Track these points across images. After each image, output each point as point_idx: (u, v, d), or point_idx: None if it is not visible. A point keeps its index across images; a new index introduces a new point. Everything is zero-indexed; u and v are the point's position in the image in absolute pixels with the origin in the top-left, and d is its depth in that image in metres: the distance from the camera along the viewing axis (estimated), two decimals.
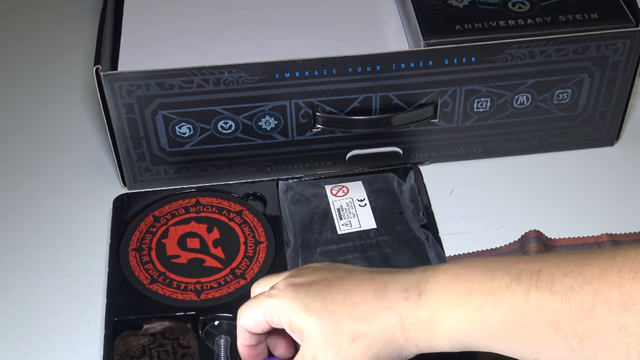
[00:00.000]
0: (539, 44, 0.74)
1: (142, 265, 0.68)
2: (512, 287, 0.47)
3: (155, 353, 0.62)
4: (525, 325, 0.47)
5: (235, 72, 0.72)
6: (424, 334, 0.50)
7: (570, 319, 0.46)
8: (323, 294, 0.52)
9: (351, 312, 0.51)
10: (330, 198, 0.72)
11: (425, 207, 0.73)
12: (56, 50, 0.97)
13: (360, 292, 0.52)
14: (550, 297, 0.46)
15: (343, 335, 0.50)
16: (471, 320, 0.48)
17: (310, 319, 0.51)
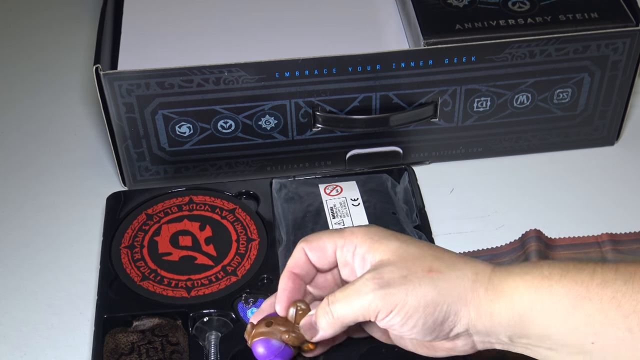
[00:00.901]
0: (539, 43, 0.74)
1: (133, 262, 0.68)
2: (579, 265, 0.51)
3: (144, 350, 0.63)
4: (587, 299, 0.49)
5: (235, 72, 0.72)
6: (490, 296, 0.52)
7: (632, 299, 0.48)
8: (405, 238, 0.56)
9: (434, 253, 0.54)
10: (323, 197, 0.72)
11: (419, 208, 0.73)
12: (56, 49, 0.97)
13: (441, 249, 0.56)
14: (614, 276, 0.49)
15: (420, 264, 0.53)
16: (537, 288, 0.50)
17: (393, 242, 0.54)
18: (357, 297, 0.53)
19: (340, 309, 0.54)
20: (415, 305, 0.52)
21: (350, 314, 0.54)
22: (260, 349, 0.56)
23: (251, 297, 0.66)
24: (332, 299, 0.54)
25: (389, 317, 0.52)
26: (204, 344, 0.64)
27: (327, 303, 0.55)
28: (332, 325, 0.55)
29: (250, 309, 0.65)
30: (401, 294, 0.52)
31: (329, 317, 0.54)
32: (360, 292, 0.53)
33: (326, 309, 0.55)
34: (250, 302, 0.66)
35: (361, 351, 0.64)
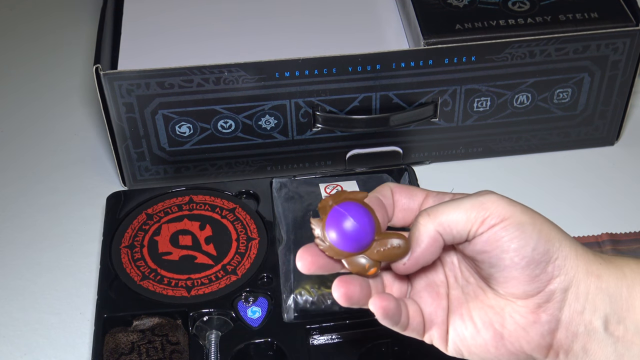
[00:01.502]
0: (539, 43, 0.74)
1: (133, 262, 0.68)
2: None
3: (144, 349, 0.63)
4: None
5: (235, 72, 0.72)
6: (599, 261, 0.49)
7: None
8: None
9: (559, 230, 0.49)
10: (324, 196, 0.72)
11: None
12: (56, 49, 0.97)
13: None
14: None
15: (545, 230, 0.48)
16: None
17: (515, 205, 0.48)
18: (467, 198, 0.48)
19: (442, 208, 0.48)
20: (531, 222, 0.47)
21: (453, 212, 0.47)
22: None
23: (251, 296, 0.66)
24: (431, 208, 0.48)
25: (502, 224, 0.47)
26: (204, 343, 0.64)
27: (425, 212, 0.48)
28: (430, 233, 0.47)
29: (250, 308, 0.65)
30: (518, 207, 0.47)
31: (426, 219, 0.47)
32: (472, 195, 0.48)
33: (422, 213, 0.48)
34: (250, 301, 0.66)
35: (361, 351, 0.64)
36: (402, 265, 0.48)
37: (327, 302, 0.65)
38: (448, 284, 0.51)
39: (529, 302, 0.48)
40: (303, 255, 0.48)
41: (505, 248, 0.47)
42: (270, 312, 0.65)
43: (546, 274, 0.47)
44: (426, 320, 0.50)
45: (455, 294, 0.51)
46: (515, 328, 0.48)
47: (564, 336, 0.48)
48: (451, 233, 0.47)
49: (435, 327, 0.50)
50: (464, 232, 0.47)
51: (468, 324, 0.50)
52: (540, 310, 0.48)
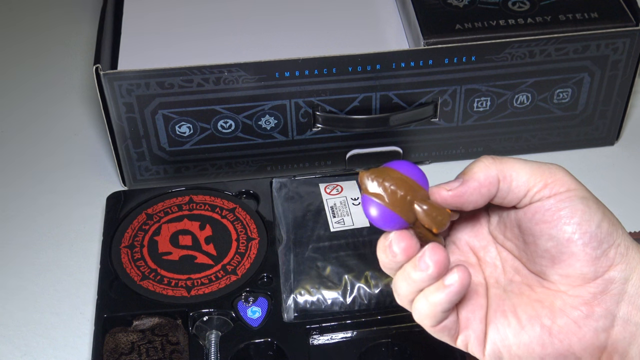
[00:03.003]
0: (539, 43, 0.74)
1: (133, 262, 0.69)
2: None
3: (144, 349, 0.63)
4: None
5: (235, 72, 0.72)
6: None
7: None
8: None
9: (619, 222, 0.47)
10: (324, 196, 0.72)
11: None
12: (56, 49, 0.97)
13: None
14: None
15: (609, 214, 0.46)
16: None
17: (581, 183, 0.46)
18: (536, 162, 0.46)
19: (509, 159, 0.46)
20: (596, 202, 0.45)
21: (519, 165, 0.45)
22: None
23: (251, 296, 0.66)
24: (496, 156, 0.46)
25: (568, 193, 0.44)
26: (204, 343, 0.64)
27: (490, 156, 0.46)
28: (489, 172, 0.45)
29: (250, 308, 0.65)
30: (584, 188, 0.46)
31: (490, 161, 0.45)
32: (539, 162, 0.46)
33: (488, 157, 0.46)
34: (250, 300, 0.66)
35: (361, 350, 0.64)
36: (446, 192, 0.45)
37: (327, 302, 0.65)
38: (487, 285, 0.48)
39: (584, 290, 0.45)
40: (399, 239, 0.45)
41: (567, 220, 0.44)
42: (270, 312, 0.65)
43: (607, 259, 0.44)
44: (461, 320, 0.47)
45: (496, 293, 0.48)
46: (567, 322, 0.45)
47: (620, 336, 0.44)
48: (510, 185, 0.45)
49: (471, 328, 0.47)
50: (523, 189, 0.45)
51: (511, 320, 0.46)
52: (595, 302, 0.44)
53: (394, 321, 0.65)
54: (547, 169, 0.45)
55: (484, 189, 0.45)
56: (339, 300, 0.65)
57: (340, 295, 0.65)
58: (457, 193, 0.45)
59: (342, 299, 0.65)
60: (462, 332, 0.47)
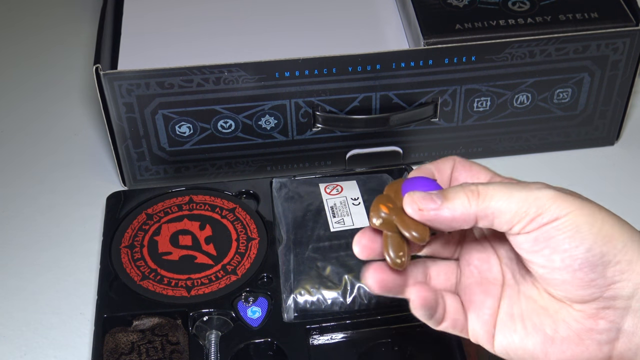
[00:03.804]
0: (539, 43, 0.74)
1: (133, 262, 0.69)
2: None
3: (144, 349, 0.63)
4: None
5: (235, 72, 0.72)
6: None
7: None
8: None
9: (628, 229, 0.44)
10: (324, 196, 0.72)
11: None
12: (56, 49, 0.97)
13: None
14: None
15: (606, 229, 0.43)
16: None
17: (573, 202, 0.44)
18: (522, 188, 0.43)
19: (494, 191, 0.43)
20: (590, 222, 0.42)
21: (503, 201, 0.43)
22: None
23: (251, 296, 0.66)
24: (481, 183, 0.44)
25: (554, 223, 0.42)
26: (204, 343, 0.64)
27: (472, 184, 0.44)
28: (467, 212, 0.43)
29: (250, 308, 0.65)
30: (576, 204, 0.43)
31: (471, 195, 0.44)
32: (527, 186, 0.43)
33: (472, 187, 0.44)
34: (250, 300, 0.66)
35: (361, 350, 0.64)
36: (418, 209, 0.44)
37: (327, 302, 0.65)
38: (504, 281, 0.48)
39: (586, 306, 0.44)
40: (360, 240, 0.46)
41: (555, 248, 0.42)
42: (270, 312, 0.65)
43: (604, 279, 0.43)
44: (470, 316, 0.47)
45: (510, 292, 0.47)
46: (569, 335, 0.44)
47: (625, 348, 0.44)
48: (492, 222, 0.43)
49: (481, 326, 0.47)
50: (506, 226, 0.43)
51: (518, 326, 0.46)
52: (599, 316, 0.43)
53: (394, 321, 0.65)
54: (534, 200, 0.43)
55: (457, 223, 0.44)
56: (339, 300, 0.65)
57: (340, 295, 0.65)
58: (429, 216, 0.44)
59: (342, 299, 0.65)
60: (471, 327, 0.47)
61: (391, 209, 0.45)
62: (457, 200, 0.44)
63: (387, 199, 0.46)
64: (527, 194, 0.43)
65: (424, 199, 0.44)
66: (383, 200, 0.46)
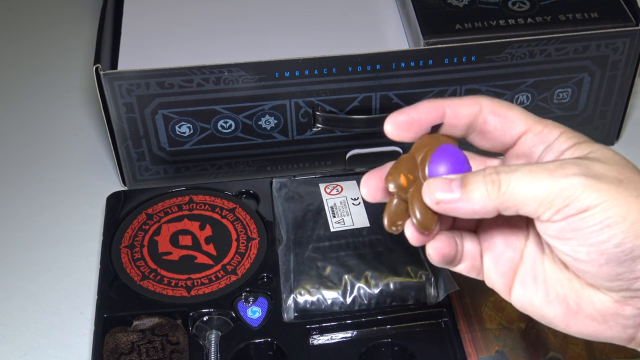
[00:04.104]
0: (539, 43, 0.74)
1: (133, 262, 0.69)
2: None
3: (144, 349, 0.63)
4: None
5: (235, 72, 0.72)
6: None
7: None
8: None
9: None
10: (324, 196, 0.72)
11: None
12: (56, 49, 0.97)
13: None
14: None
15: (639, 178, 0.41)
16: None
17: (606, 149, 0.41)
18: (548, 175, 0.40)
19: (516, 181, 0.40)
20: (623, 215, 0.39)
21: (526, 192, 0.40)
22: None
23: (251, 296, 0.66)
24: (503, 168, 0.41)
25: (583, 214, 0.39)
26: (204, 343, 0.64)
27: (494, 170, 0.41)
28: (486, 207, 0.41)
29: (250, 308, 0.65)
30: (610, 193, 0.39)
31: (491, 187, 0.41)
32: (554, 171, 0.40)
33: (493, 176, 0.41)
34: (250, 300, 0.66)
35: (361, 350, 0.64)
36: (435, 201, 0.42)
37: (327, 302, 0.65)
38: (529, 235, 0.45)
39: (613, 294, 0.41)
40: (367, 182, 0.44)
41: (582, 241, 0.40)
42: (270, 312, 0.65)
43: (632, 272, 0.40)
44: (486, 263, 0.45)
45: (534, 250, 0.44)
46: (592, 313, 0.42)
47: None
48: (516, 211, 0.41)
49: (498, 277, 0.44)
50: (533, 214, 0.40)
51: (540, 290, 0.44)
52: (626, 303, 0.41)
53: (394, 321, 0.65)
54: (561, 190, 0.39)
55: (478, 215, 0.42)
56: (339, 300, 0.65)
57: (340, 295, 0.65)
58: (447, 209, 0.42)
59: (342, 299, 0.65)
60: (488, 275, 0.45)
61: (410, 182, 0.43)
62: (476, 193, 0.41)
63: (411, 165, 0.44)
64: (553, 184, 0.39)
65: (442, 190, 0.41)
66: (405, 169, 0.44)
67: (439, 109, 0.45)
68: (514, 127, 0.44)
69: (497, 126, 0.44)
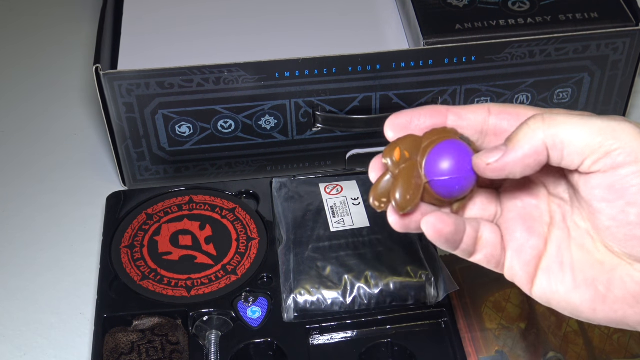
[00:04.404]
0: (539, 43, 0.74)
1: (133, 262, 0.69)
2: None
3: (144, 349, 0.63)
4: None
5: (235, 72, 0.72)
6: None
7: None
8: None
9: None
10: (324, 196, 0.72)
11: None
12: (56, 49, 0.97)
13: None
14: None
15: None
16: None
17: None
18: (596, 119, 0.38)
19: (563, 118, 0.38)
20: None
21: (573, 129, 0.38)
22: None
23: (251, 296, 0.66)
24: (548, 113, 0.39)
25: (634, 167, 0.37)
26: (204, 343, 0.64)
27: (540, 116, 0.39)
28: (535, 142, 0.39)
29: (250, 308, 0.65)
30: None
31: (534, 123, 0.39)
32: (601, 117, 0.38)
33: (536, 116, 0.39)
34: (250, 300, 0.66)
35: (361, 350, 0.64)
36: (485, 165, 0.40)
37: (327, 302, 0.65)
38: (552, 222, 0.43)
39: None
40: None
41: (633, 201, 0.37)
42: (270, 312, 0.65)
43: None
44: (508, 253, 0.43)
45: (559, 236, 0.43)
46: (624, 295, 0.40)
47: None
48: (561, 151, 0.38)
49: (521, 266, 0.42)
50: (578, 157, 0.38)
51: (567, 277, 0.41)
52: None
53: (394, 321, 0.65)
54: (611, 132, 0.37)
55: (530, 159, 0.39)
56: (339, 300, 0.65)
57: (340, 295, 0.65)
58: (498, 167, 0.39)
59: (342, 299, 0.65)
60: (508, 265, 0.43)
61: (403, 158, 0.43)
62: (520, 135, 0.39)
63: (413, 145, 0.43)
64: (603, 124, 0.37)
65: (488, 152, 0.40)
66: (405, 145, 0.43)
67: (441, 114, 0.44)
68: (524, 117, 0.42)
69: (512, 123, 0.42)
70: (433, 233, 0.41)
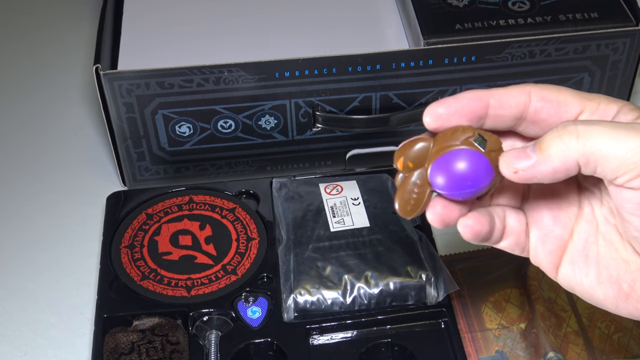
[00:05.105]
0: (539, 43, 0.74)
1: (133, 262, 0.69)
2: None
3: (144, 349, 0.63)
4: None
5: (235, 71, 0.72)
6: None
7: None
8: None
9: None
10: (324, 196, 0.72)
11: None
12: (56, 49, 0.97)
13: None
14: None
15: None
16: None
17: None
18: (634, 132, 0.37)
19: (598, 132, 0.37)
20: None
21: (609, 145, 0.37)
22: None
23: (251, 296, 0.66)
24: (582, 120, 0.38)
25: None
26: (204, 343, 0.64)
27: (570, 122, 0.38)
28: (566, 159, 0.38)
29: (250, 308, 0.65)
30: None
31: (568, 137, 0.38)
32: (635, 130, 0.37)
33: (569, 127, 0.38)
34: (250, 300, 0.66)
35: (361, 350, 0.64)
36: (513, 172, 0.39)
37: (327, 302, 0.65)
38: (580, 213, 0.43)
39: None
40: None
41: None
42: (270, 312, 0.65)
43: None
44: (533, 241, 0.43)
45: (586, 228, 0.42)
46: None
47: None
48: (594, 168, 0.38)
49: (545, 255, 0.42)
50: (612, 174, 0.37)
51: (591, 271, 0.41)
52: None
53: (394, 321, 0.65)
54: None
55: (560, 173, 0.38)
56: (339, 300, 0.65)
57: (340, 295, 0.65)
58: (526, 175, 0.39)
59: (342, 299, 0.65)
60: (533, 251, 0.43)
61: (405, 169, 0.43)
62: (553, 148, 0.38)
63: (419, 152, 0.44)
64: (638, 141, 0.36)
65: (517, 158, 0.39)
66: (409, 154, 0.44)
67: (483, 100, 0.42)
68: (569, 110, 0.41)
69: (551, 113, 0.41)
70: (471, 234, 0.41)
